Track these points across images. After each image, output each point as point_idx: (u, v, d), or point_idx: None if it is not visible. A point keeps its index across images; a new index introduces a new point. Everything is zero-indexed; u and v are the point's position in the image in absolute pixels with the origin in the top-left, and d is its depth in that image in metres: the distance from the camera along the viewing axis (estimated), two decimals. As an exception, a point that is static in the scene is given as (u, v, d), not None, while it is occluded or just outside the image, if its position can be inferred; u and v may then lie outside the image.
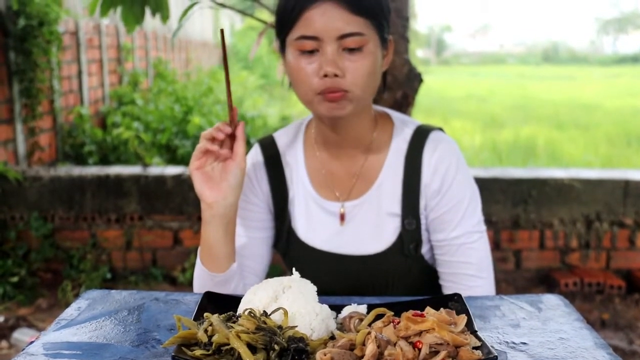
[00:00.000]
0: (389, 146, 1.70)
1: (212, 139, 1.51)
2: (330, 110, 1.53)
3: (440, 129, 1.74)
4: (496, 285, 1.72)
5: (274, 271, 1.61)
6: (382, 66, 1.60)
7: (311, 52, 1.51)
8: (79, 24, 6.82)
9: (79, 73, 6.89)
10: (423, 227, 1.68)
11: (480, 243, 1.67)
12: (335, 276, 1.69)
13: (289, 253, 1.76)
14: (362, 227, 1.68)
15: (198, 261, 1.62)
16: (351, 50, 1.50)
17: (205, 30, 17.03)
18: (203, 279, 1.61)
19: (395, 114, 1.76)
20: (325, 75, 1.49)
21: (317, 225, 1.71)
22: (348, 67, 1.50)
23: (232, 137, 1.54)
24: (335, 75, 1.49)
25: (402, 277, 1.69)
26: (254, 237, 1.74)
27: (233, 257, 1.60)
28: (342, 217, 1.69)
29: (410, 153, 1.67)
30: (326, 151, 1.72)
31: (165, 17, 2.74)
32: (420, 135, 1.69)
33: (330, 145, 1.70)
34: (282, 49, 1.60)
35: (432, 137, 1.68)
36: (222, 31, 1.43)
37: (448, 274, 1.68)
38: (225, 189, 1.53)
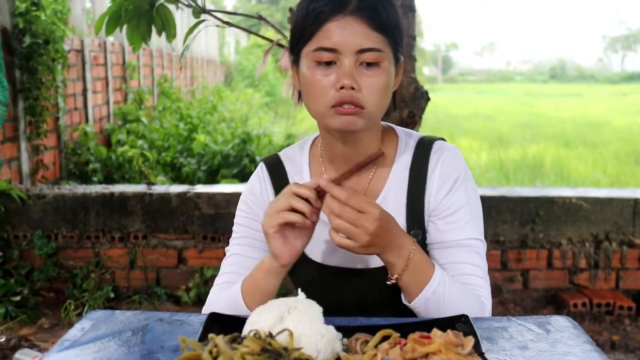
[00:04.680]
0: (393, 159, 1.70)
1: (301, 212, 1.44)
2: (342, 124, 1.53)
3: (442, 139, 1.74)
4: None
5: (280, 290, 1.59)
6: (393, 86, 1.60)
7: (328, 64, 1.51)
8: (85, 42, 6.85)
9: (84, 91, 6.92)
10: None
11: (481, 255, 1.64)
12: (343, 292, 1.67)
13: (296, 272, 1.74)
14: None
15: (238, 300, 1.58)
16: (368, 65, 1.51)
17: (211, 48, 17.12)
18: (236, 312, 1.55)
19: (398, 128, 1.76)
20: (342, 88, 1.49)
21: (323, 242, 1.70)
22: (364, 81, 1.50)
23: None
24: (352, 88, 1.49)
25: None
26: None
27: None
28: None
29: (414, 164, 1.68)
30: (333, 168, 1.70)
31: (171, 36, 2.73)
32: (424, 146, 1.69)
33: (337, 162, 1.69)
34: (297, 61, 1.59)
35: (436, 147, 1.69)
36: None
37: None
38: (300, 248, 1.51)
